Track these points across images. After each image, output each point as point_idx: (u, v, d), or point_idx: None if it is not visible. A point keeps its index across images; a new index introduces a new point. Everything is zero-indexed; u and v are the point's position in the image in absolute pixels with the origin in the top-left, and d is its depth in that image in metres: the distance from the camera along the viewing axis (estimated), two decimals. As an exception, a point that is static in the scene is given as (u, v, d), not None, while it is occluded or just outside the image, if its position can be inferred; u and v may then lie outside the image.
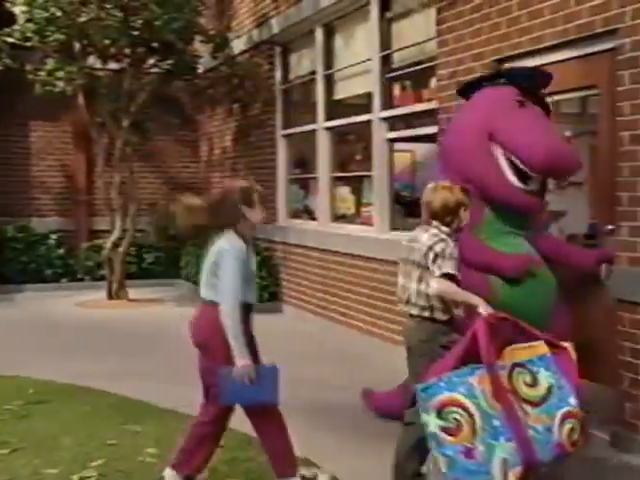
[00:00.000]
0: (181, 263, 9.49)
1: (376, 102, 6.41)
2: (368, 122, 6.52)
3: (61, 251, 9.53)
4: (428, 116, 5.60)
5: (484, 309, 2.91)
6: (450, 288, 2.97)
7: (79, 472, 3.50)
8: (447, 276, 2.97)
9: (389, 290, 5.62)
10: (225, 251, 2.99)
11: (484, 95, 3.87)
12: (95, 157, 9.58)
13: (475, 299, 2.97)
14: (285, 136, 8.23)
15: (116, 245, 8.50)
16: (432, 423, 2.79)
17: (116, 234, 8.48)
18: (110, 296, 8.48)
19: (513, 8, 4.47)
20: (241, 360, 2.94)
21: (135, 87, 8.20)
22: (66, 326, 7.06)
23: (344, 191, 7.45)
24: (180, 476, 3.19)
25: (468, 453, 2.76)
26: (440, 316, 3.06)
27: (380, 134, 6.36)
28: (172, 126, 9.16)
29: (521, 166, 3.62)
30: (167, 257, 9.84)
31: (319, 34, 7.38)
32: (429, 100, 5.76)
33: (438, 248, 3.02)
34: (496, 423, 2.77)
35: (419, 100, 6.06)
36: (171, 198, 10.41)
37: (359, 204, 7.18)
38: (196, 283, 8.76)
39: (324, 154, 7.37)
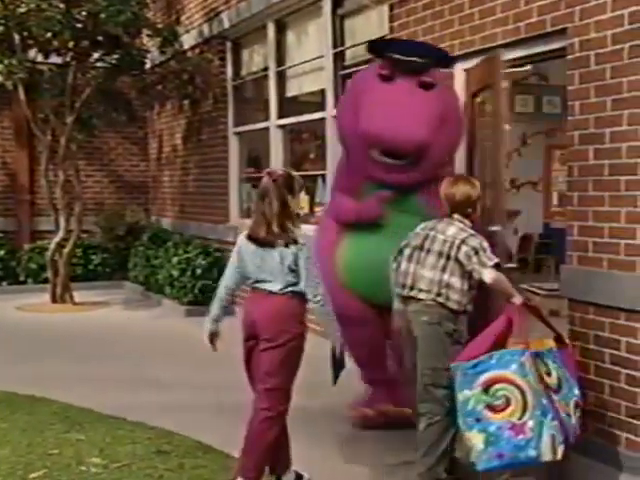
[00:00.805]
0: (129, 265, 9.36)
1: (329, 99, 6.42)
2: (322, 120, 6.52)
3: (2, 253, 9.30)
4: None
5: (518, 299, 3.12)
6: (501, 277, 3.17)
7: (18, 484, 3.41)
8: (496, 266, 3.18)
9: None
10: (303, 244, 3.13)
11: (363, 69, 4.28)
12: (38, 155, 9.39)
13: (513, 289, 3.18)
14: (237, 134, 8.18)
15: (60, 246, 8.33)
16: (475, 399, 2.95)
17: (60, 235, 8.31)
18: (54, 299, 8.29)
19: (465, 6, 4.53)
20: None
21: (80, 82, 8.05)
22: (6, 331, 6.88)
23: (298, 190, 7.44)
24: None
25: (516, 428, 2.90)
26: (451, 305, 3.21)
27: (334, 132, 6.36)
28: (119, 123, 9.00)
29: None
30: (114, 258, 9.70)
31: (271, 30, 7.36)
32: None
33: (474, 242, 3.20)
34: (544, 401, 2.94)
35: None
36: (119, 197, 10.45)
37: (313, 203, 7.18)
38: (145, 285, 8.80)
39: (277, 152, 7.36)
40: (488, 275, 3.16)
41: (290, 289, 3.13)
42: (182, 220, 9.42)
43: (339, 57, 6.37)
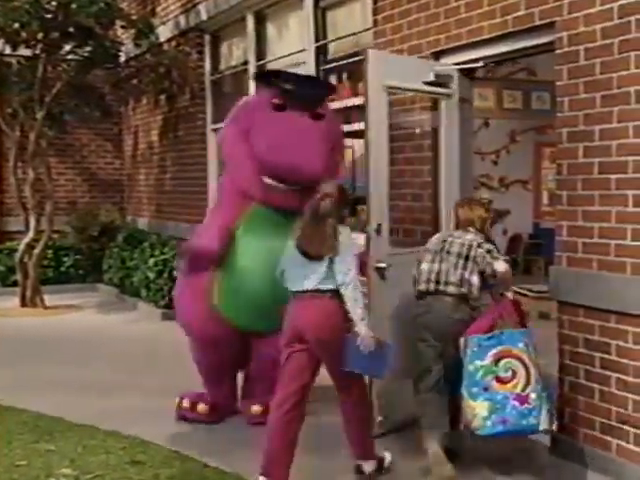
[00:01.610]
0: (103, 266, 9.30)
1: (311, 95, 6.40)
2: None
3: (-32, 254, 9.21)
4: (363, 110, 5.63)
5: (511, 295, 3.70)
6: (510, 271, 3.71)
7: (-17, 498, 3.38)
8: (507, 261, 3.76)
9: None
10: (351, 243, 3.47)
11: (253, 95, 4.50)
12: (6, 151, 9.30)
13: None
14: (216, 130, 8.13)
15: (30, 247, 8.25)
16: (484, 370, 3.43)
17: (30, 235, 8.23)
18: (23, 303, 8.20)
19: (451, -2, 4.54)
20: (368, 331, 3.35)
21: (50, 75, 7.97)
22: (-27, 337, 6.80)
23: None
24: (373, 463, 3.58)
25: (521, 398, 3.38)
26: (472, 301, 3.72)
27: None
28: (92, 118, 8.93)
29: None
30: (87, 260, 9.62)
31: (250, 22, 7.34)
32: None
33: (487, 246, 3.76)
34: (541, 378, 3.45)
35: (356, 94, 6.09)
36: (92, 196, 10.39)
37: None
38: (119, 287, 8.75)
39: (257, 149, 7.33)
40: (501, 265, 3.65)
41: (331, 289, 3.41)
42: (159, 220, 9.38)
43: (321, 51, 6.36)
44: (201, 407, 4.40)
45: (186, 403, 4.43)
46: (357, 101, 5.90)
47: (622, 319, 3.50)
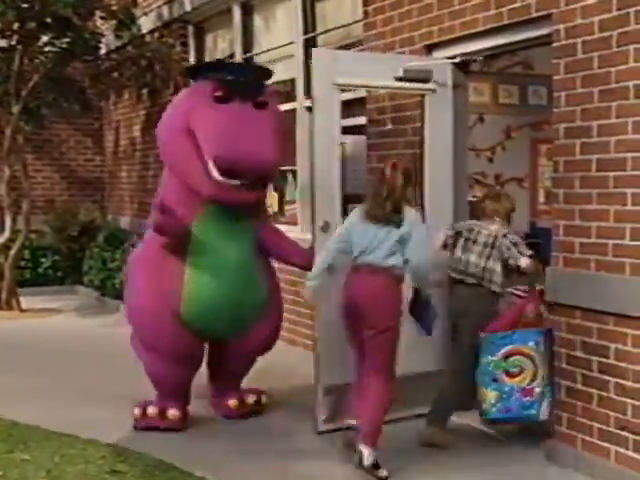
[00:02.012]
0: (83, 268, 9.26)
1: (300, 89, 6.41)
2: (292, 111, 6.51)
3: (-59, 255, 9.13)
4: (358, 106, 5.64)
5: (539, 286, 4.00)
6: (532, 265, 4.04)
7: (-44, 510, 3.34)
8: (530, 256, 4.08)
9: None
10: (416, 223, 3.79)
11: (186, 90, 4.40)
12: (-19, 147, 9.24)
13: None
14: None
15: (6, 248, 8.21)
16: (495, 364, 3.95)
17: (6, 235, 8.19)
18: (-1, 306, 8.17)
19: (445, -11, 4.55)
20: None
21: (27, 68, 7.93)
22: (-55, 341, 6.75)
23: (266, 187, 7.43)
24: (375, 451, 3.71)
25: (525, 392, 3.92)
26: (494, 287, 4.09)
27: (305, 124, 6.36)
28: (71, 113, 8.89)
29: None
30: (67, 261, 9.58)
31: (237, 13, 7.33)
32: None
33: (512, 237, 4.10)
34: (547, 375, 3.91)
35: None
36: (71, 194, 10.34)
37: (283, 201, 7.16)
38: (100, 290, 8.70)
39: (243, 146, 7.31)
40: (524, 261, 4.00)
41: (394, 264, 3.73)
42: (141, 219, 9.33)
43: (310, 44, 6.35)
44: (172, 413, 4.32)
45: (153, 411, 4.33)
46: (350, 95, 5.90)
47: (621, 321, 3.51)
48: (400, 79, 4.45)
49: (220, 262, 4.14)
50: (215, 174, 4.00)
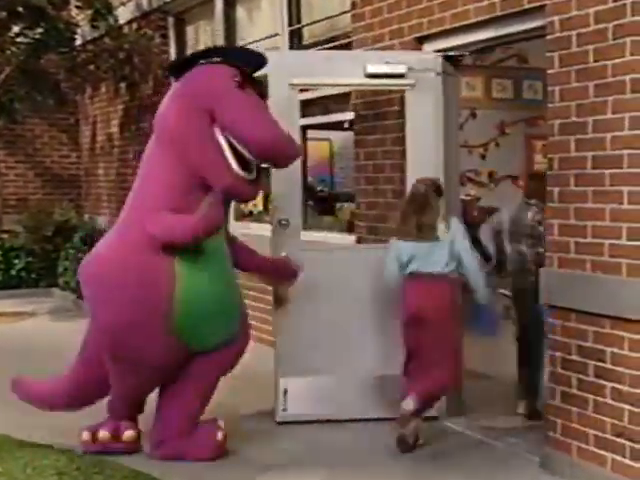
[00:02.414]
0: (59, 269, 9.21)
1: (285, 83, 6.39)
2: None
3: None
4: (345, 101, 5.64)
5: None
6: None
7: None
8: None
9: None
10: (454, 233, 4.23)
11: (202, 72, 3.99)
12: (-50, 144, 9.19)
13: None
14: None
15: (-23, 249, 8.16)
16: None
17: (-23, 236, 8.15)
18: (-30, 310, 8.12)
19: (435, -21, 4.55)
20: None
21: (-2, 59, 7.91)
22: None
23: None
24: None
25: None
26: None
27: (290, 120, 6.35)
28: (45, 107, 8.85)
29: (243, 151, 3.87)
30: (41, 262, 9.54)
31: (219, 3, 7.32)
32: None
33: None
34: None
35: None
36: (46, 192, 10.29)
37: (268, 201, 7.15)
38: (77, 292, 8.64)
39: (226, 142, 7.30)
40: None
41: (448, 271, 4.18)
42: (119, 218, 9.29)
43: (295, 36, 6.35)
44: (129, 434, 4.14)
45: (104, 434, 4.13)
46: (336, 90, 5.90)
47: (617, 324, 3.52)
48: (371, 76, 4.47)
49: (212, 263, 3.99)
50: (235, 165, 3.89)
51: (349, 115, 5.50)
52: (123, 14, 8.54)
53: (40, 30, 7.79)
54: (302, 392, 4.59)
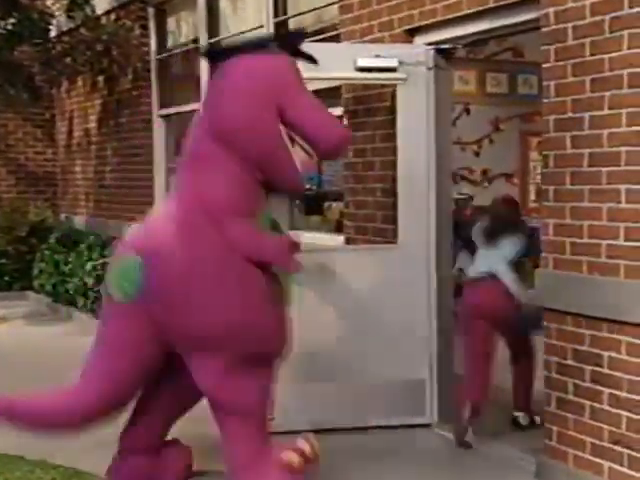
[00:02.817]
0: (33, 272, 9.19)
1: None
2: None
3: None
4: (333, 95, 5.64)
5: None
6: None
7: None
8: None
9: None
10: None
11: (266, 65, 3.72)
12: None
13: None
14: (163, 117, 8.10)
15: (-53, 250, 8.12)
16: None
17: (-53, 236, 8.11)
18: (-60, 314, 8.08)
19: (426, -31, 4.57)
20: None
21: (-32, 52, 7.87)
22: None
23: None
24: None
25: None
26: None
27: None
28: (19, 101, 8.81)
29: (306, 147, 3.73)
30: (15, 264, 9.53)
31: (202, -7, 7.31)
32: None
33: None
34: None
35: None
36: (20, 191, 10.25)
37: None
38: (52, 296, 8.63)
39: (209, 138, 7.30)
40: None
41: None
42: (98, 218, 9.29)
43: (281, 28, 6.35)
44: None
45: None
46: (324, 84, 5.91)
47: (615, 328, 3.54)
48: (362, 69, 4.47)
49: None
50: (299, 165, 3.76)
51: (338, 110, 5.50)
52: (101, 4, 8.51)
53: (12, 20, 7.75)
54: (292, 400, 4.43)
